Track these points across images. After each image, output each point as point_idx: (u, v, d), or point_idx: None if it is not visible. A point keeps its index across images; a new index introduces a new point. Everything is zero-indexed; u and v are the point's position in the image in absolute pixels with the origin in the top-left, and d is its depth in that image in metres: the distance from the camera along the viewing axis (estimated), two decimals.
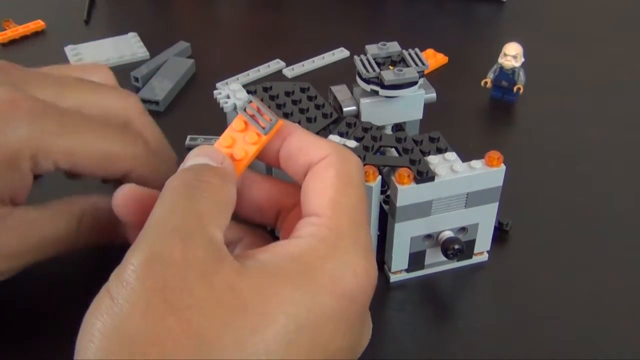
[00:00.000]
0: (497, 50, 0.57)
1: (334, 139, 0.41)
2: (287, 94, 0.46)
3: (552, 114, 0.58)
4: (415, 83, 0.45)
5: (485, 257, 0.44)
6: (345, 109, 0.46)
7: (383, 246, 0.42)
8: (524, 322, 0.40)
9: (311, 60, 0.63)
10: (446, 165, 0.39)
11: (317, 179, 0.32)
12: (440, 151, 0.40)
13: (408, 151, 0.40)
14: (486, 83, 0.58)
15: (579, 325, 0.40)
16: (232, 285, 0.27)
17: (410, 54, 0.46)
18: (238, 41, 0.68)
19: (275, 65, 0.63)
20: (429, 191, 0.39)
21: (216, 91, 0.46)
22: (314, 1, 0.74)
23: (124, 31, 0.67)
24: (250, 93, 0.45)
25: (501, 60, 0.56)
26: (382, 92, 0.44)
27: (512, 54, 0.56)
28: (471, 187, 0.39)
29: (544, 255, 0.44)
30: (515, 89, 0.57)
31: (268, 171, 0.43)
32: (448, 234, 0.41)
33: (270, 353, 0.26)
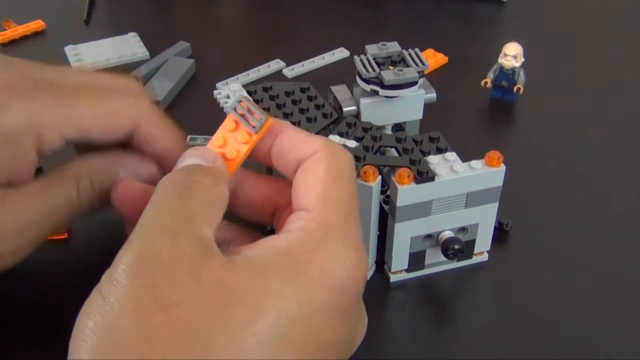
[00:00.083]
0: (497, 50, 0.57)
1: (334, 139, 0.41)
2: (287, 94, 0.45)
3: (552, 114, 0.58)
4: (415, 83, 0.45)
5: (485, 257, 0.44)
6: (345, 109, 0.46)
7: (383, 246, 0.42)
8: (524, 322, 0.40)
9: (311, 60, 0.63)
10: (446, 165, 0.39)
11: (307, 174, 0.32)
12: (440, 151, 0.40)
13: (408, 151, 0.40)
14: (486, 83, 0.58)
15: (579, 325, 0.40)
16: (220, 280, 0.27)
17: (410, 54, 0.46)
18: (238, 41, 0.68)
19: (275, 65, 0.63)
20: (429, 191, 0.39)
21: (216, 91, 0.46)
22: (314, 1, 0.74)
23: (124, 31, 0.67)
24: (250, 93, 0.45)
25: (501, 60, 0.56)
26: (382, 92, 0.44)
27: (512, 54, 0.56)
28: (471, 187, 0.39)
29: (544, 255, 0.44)
30: (515, 89, 0.57)
31: (268, 171, 0.43)
32: (448, 234, 0.41)
33: (262, 346, 0.26)
